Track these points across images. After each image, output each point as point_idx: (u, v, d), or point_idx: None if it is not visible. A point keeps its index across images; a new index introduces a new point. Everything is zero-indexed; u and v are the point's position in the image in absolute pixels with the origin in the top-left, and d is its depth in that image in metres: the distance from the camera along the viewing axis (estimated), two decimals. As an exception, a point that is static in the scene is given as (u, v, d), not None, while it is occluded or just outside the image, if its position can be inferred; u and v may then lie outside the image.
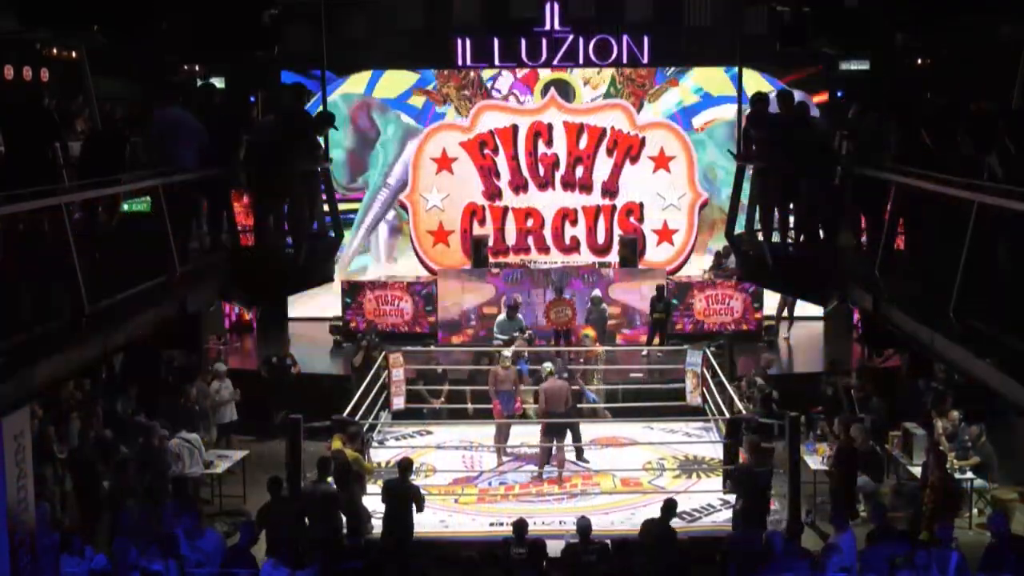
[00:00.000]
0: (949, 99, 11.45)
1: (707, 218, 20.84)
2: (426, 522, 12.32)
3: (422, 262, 21.10)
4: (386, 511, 11.50)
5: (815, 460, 13.80)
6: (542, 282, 18.91)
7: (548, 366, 14.29)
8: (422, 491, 11.81)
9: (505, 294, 18.22)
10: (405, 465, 11.70)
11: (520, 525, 10.71)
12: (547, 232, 21.01)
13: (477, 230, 20.70)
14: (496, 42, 20.45)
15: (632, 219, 20.91)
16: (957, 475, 13.05)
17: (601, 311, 17.89)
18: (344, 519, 11.54)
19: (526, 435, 14.74)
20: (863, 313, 11.03)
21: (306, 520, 11.29)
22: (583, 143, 20.90)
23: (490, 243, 20.18)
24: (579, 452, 14.37)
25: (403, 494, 11.46)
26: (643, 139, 20.81)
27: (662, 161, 20.83)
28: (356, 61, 20.64)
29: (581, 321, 17.60)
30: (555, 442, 13.91)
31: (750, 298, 19.21)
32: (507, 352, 15.15)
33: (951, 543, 10.07)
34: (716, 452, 14.10)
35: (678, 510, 12.53)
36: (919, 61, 19.45)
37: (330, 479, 11.65)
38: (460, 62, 20.68)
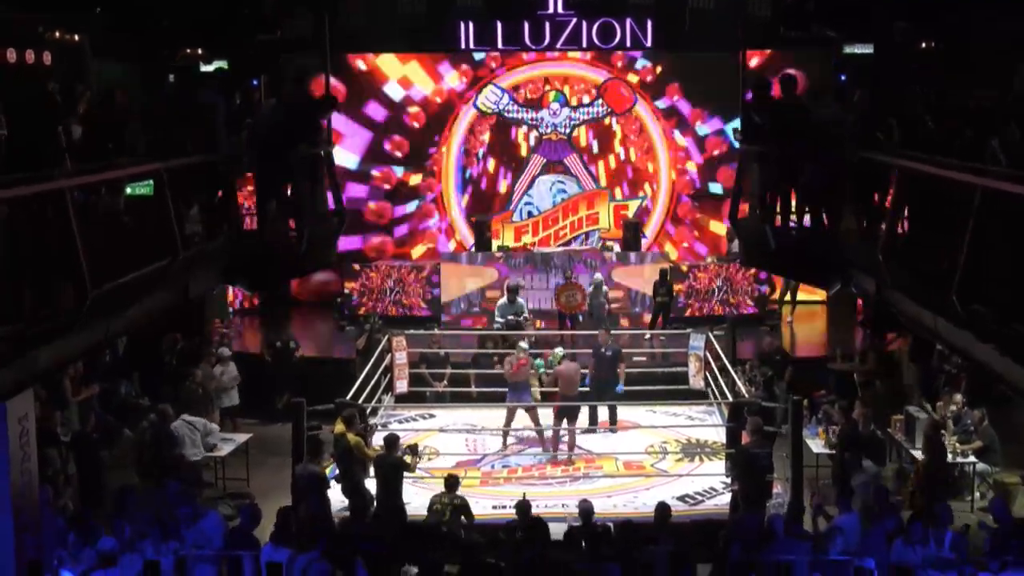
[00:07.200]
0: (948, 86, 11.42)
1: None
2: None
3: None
4: (377, 487, 11.74)
5: (817, 444, 13.81)
6: (544, 268, 18.93)
7: (559, 351, 14.35)
8: (409, 461, 11.94)
9: (508, 277, 18.16)
10: (390, 441, 11.84)
11: (523, 506, 10.74)
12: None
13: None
14: (499, 26, 20.41)
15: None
16: (960, 459, 13.05)
17: (601, 297, 17.88)
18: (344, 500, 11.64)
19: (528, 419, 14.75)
20: (866, 297, 11.00)
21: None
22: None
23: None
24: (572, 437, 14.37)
25: (389, 466, 11.63)
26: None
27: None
28: (358, 45, 20.57)
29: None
30: (566, 424, 13.97)
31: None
32: (524, 344, 15.03)
33: (947, 523, 10.09)
34: (719, 436, 14.11)
35: (681, 493, 12.66)
36: (923, 45, 19.32)
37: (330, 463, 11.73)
38: (463, 46, 20.65)
